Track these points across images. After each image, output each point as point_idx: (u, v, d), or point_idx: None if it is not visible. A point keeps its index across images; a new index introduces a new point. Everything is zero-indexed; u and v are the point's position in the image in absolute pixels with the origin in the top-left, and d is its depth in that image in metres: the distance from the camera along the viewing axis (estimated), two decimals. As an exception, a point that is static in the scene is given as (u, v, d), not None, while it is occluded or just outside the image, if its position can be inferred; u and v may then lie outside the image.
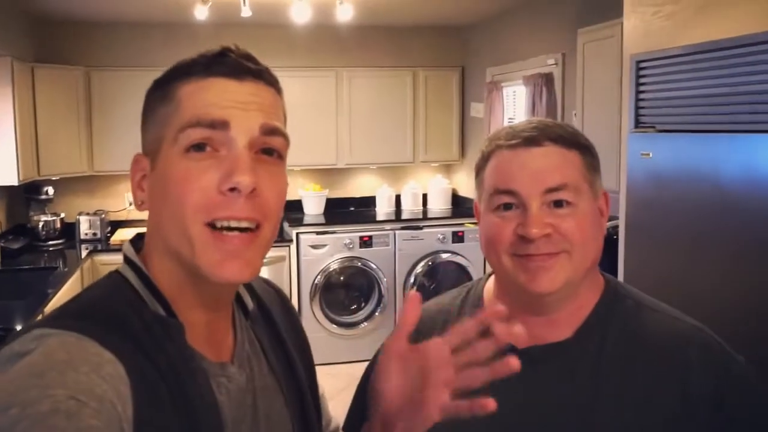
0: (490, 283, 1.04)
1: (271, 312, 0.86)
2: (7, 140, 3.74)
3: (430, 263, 4.85)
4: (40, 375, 0.56)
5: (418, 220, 5.07)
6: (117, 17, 4.58)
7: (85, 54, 4.67)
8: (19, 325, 2.64)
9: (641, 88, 2.33)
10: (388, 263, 4.80)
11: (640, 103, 2.34)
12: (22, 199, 4.46)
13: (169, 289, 0.72)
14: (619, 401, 0.89)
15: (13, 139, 3.75)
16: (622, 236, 2.36)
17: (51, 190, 4.45)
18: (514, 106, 4.59)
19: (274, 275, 4.65)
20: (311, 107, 4.97)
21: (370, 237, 4.75)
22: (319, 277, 4.67)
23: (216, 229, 0.67)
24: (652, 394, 0.89)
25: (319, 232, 4.75)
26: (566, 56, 3.75)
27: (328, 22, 4.65)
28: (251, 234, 0.68)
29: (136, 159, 0.75)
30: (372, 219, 5.08)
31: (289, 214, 5.15)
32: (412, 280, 4.81)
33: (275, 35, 4.90)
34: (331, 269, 4.70)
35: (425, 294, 5.18)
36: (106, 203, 4.85)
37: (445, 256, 4.86)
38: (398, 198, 5.44)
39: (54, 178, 4.41)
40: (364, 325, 4.79)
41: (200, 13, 3.89)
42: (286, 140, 0.73)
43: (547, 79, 3.86)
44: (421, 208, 5.43)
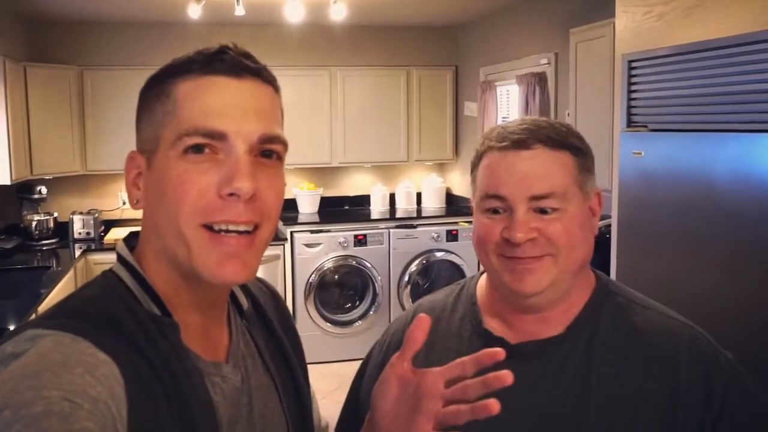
0: (483, 281, 1.05)
1: (266, 311, 0.86)
2: (-1, 139, 3.73)
3: (424, 262, 4.86)
4: (35, 376, 0.55)
5: (412, 218, 5.08)
6: (110, 16, 4.56)
7: (78, 53, 4.66)
8: (12, 324, 2.63)
9: (633, 87, 2.35)
10: (383, 262, 4.81)
11: (632, 103, 2.36)
12: (14, 198, 4.44)
13: (164, 289, 0.71)
14: (609, 397, 0.89)
15: (6, 139, 3.74)
16: (614, 235, 2.38)
17: (44, 190, 4.44)
18: (508, 106, 4.60)
19: (268, 274, 4.65)
20: (305, 106, 4.97)
21: (365, 236, 4.76)
22: (313, 275, 4.68)
23: (213, 231, 0.67)
24: (642, 390, 0.89)
25: (313, 231, 4.75)
26: (559, 56, 3.77)
27: (321, 21, 4.66)
28: (249, 236, 0.69)
29: (131, 156, 0.73)
30: (366, 218, 5.09)
31: (283, 212, 5.08)
32: (406, 278, 4.82)
33: (269, 34, 4.90)
34: (325, 268, 4.71)
35: (419, 292, 5.19)
36: (100, 202, 4.84)
37: (440, 254, 4.87)
38: (392, 197, 5.45)
39: (47, 178, 4.40)
40: (358, 323, 4.80)
41: (194, 12, 3.89)
42: (285, 145, 0.73)
43: (540, 78, 3.87)
44: (415, 206, 5.44)
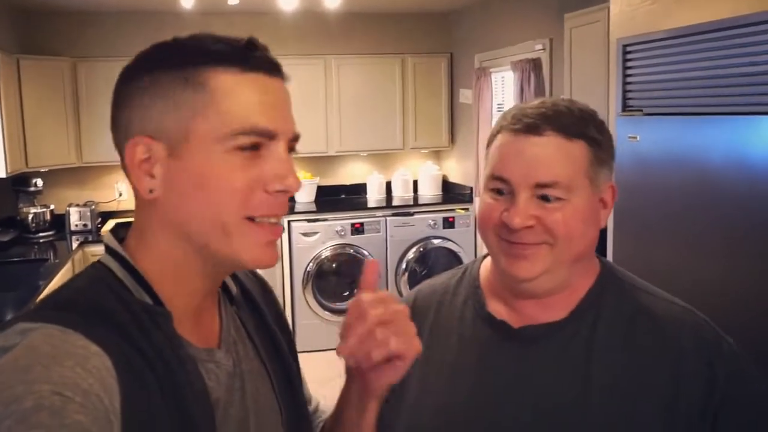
0: (487, 263, 1.05)
1: (255, 297, 0.87)
2: (-7, 132, 3.72)
3: (422, 249, 4.87)
4: (25, 370, 0.55)
5: (408, 206, 5.08)
6: (103, 7, 4.54)
7: (71, 45, 4.63)
8: (10, 316, 2.63)
9: (628, 71, 2.35)
10: (380, 250, 4.82)
11: (627, 87, 2.36)
12: (10, 191, 4.43)
13: (158, 278, 0.71)
14: (611, 381, 0.90)
15: (0, 132, 3.72)
16: (610, 220, 2.39)
17: (40, 182, 4.42)
18: (503, 92, 4.60)
19: (265, 264, 4.65)
20: (300, 95, 4.95)
21: (362, 224, 4.77)
22: (311, 264, 4.69)
23: (254, 221, 0.69)
24: (644, 376, 0.89)
25: (310, 220, 4.76)
26: (553, 41, 3.76)
27: (315, 9, 4.64)
28: (281, 226, 0.72)
29: (136, 142, 0.68)
30: (363, 206, 5.10)
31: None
32: (403, 266, 4.84)
33: (262, 23, 4.88)
34: (323, 256, 4.72)
35: (416, 279, 5.22)
36: (96, 194, 4.83)
37: (437, 241, 4.88)
38: (389, 185, 5.45)
39: (42, 170, 4.39)
40: (353, 298, 4.80)
41: (186, 1, 3.87)
42: None
43: (535, 64, 3.86)
44: (412, 194, 5.45)
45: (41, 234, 4.36)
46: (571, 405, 0.90)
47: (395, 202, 5.22)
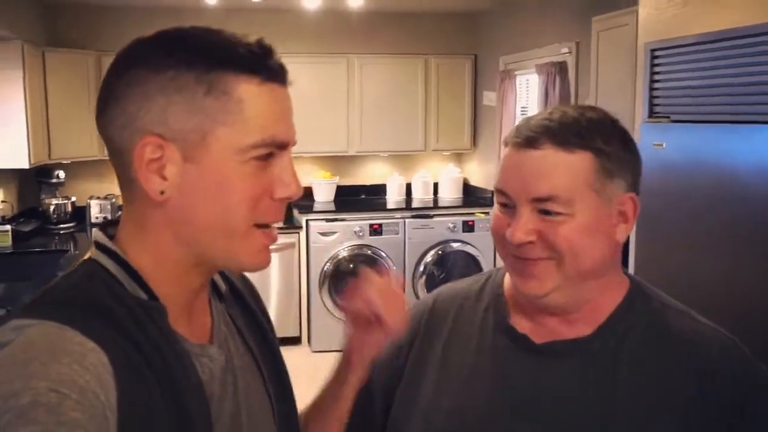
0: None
1: (244, 294, 0.87)
2: (18, 124, 3.76)
3: (440, 252, 4.82)
4: (24, 365, 0.55)
5: (428, 208, 5.04)
6: (128, 1, 4.57)
7: (96, 38, 4.67)
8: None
9: (655, 77, 2.29)
10: (398, 252, 4.78)
11: (654, 93, 2.30)
12: (33, 182, 4.49)
13: (154, 274, 0.70)
14: (635, 400, 0.87)
15: (24, 123, 3.77)
16: (633, 228, 2.33)
17: (62, 174, 4.47)
18: (527, 95, 4.54)
19: (283, 262, 4.66)
20: (322, 94, 4.95)
21: (380, 225, 4.74)
22: (328, 264, 4.67)
23: (259, 227, 0.71)
24: (669, 394, 0.87)
25: (328, 220, 4.74)
26: (580, 45, 3.70)
27: (339, 7, 4.62)
28: (276, 230, 0.75)
29: (147, 142, 0.66)
30: (382, 207, 5.07)
31: (299, 201, 5.13)
32: (421, 268, 4.79)
33: (285, 21, 4.87)
34: (340, 257, 4.69)
35: (434, 283, 5.20)
36: (116, 187, 4.80)
37: (456, 245, 4.83)
38: (409, 186, 5.41)
39: (65, 162, 4.43)
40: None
41: (211, -3, 3.87)
42: None
43: (561, 67, 3.81)
44: (432, 196, 5.40)
45: (62, 225, 4.40)
46: (590, 422, 0.87)
47: (415, 204, 5.18)
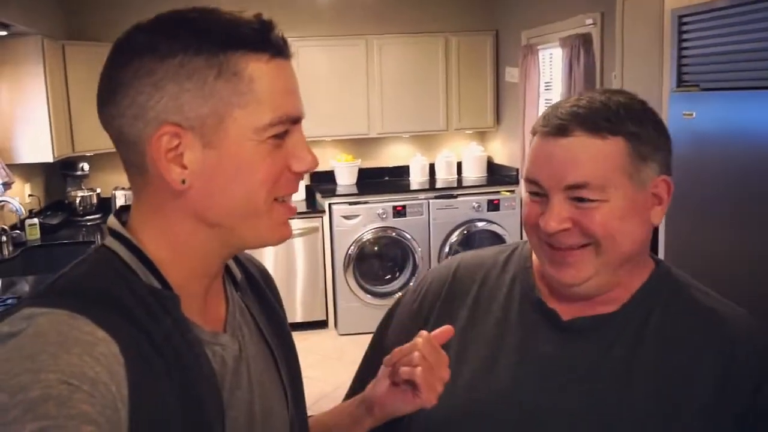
0: None
1: (259, 282, 0.86)
2: (40, 118, 3.79)
3: (465, 232, 4.77)
4: (32, 358, 0.54)
5: (452, 188, 4.99)
6: (145, -10, 4.55)
7: (116, 31, 4.45)
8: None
9: (684, 44, 2.20)
10: (422, 233, 4.74)
11: (683, 61, 2.22)
12: (58, 175, 4.54)
13: (170, 262, 0.70)
14: (656, 376, 0.87)
15: (47, 117, 3.79)
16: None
17: (86, 167, 4.51)
18: (551, 70, 4.44)
19: (307, 246, 4.65)
20: (341, 77, 4.90)
21: (404, 206, 4.70)
22: (352, 247, 4.65)
23: (278, 201, 0.71)
24: (691, 372, 0.87)
25: (351, 203, 4.72)
26: (605, 15, 3.59)
27: (356, -13, 4.54)
28: (293, 202, 0.76)
29: (164, 132, 0.65)
30: (405, 188, 5.03)
31: (321, 184, 5.13)
32: (447, 249, 4.75)
33: (302, 4, 4.82)
34: (364, 239, 4.67)
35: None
36: (141, 178, 4.88)
37: (481, 224, 4.78)
38: (432, 167, 5.35)
39: (88, 154, 4.46)
40: (398, 295, 4.74)
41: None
42: None
43: (585, 40, 3.70)
44: (456, 176, 5.34)
45: (88, 217, 4.45)
46: (613, 396, 0.88)
47: (438, 185, 5.12)
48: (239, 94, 0.66)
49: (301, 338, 4.52)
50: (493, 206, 4.78)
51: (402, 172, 5.39)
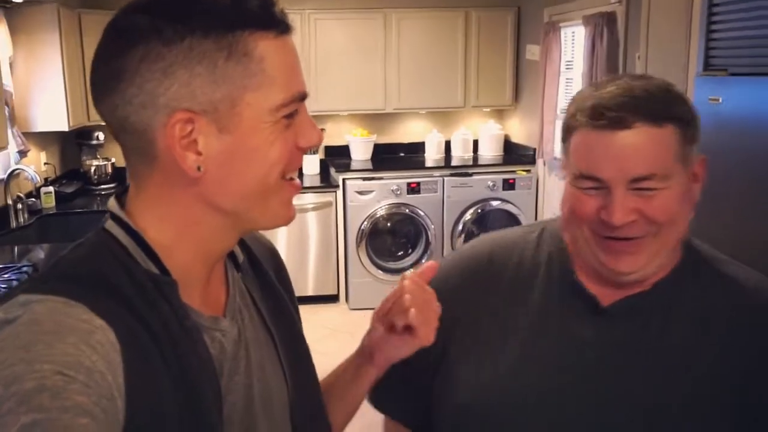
0: None
1: (261, 263, 0.84)
2: (56, 87, 3.77)
3: (480, 211, 4.74)
4: (26, 347, 0.53)
5: (468, 166, 4.94)
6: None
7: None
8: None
9: (713, 27, 2.13)
10: (436, 210, 4.71)
11: (711, 44, 2.15)
12: (74, 144, 4.54)
13: (173, 246, 0.68)
14: (691, 352, 0.89)
15: (63, 86, 3.78)
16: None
17: (101, 136, 4.51)
18: (573, 49, 4.34)
19: (320, 220, 4.64)
20: (358, 50, 4.84)
21: (418, 183, 4.67)
22: (365, 222, 4.64)
23: (285, 179, 0.70)
24: (725, 346, 0.89)
25: (365, 178, 4.69)
26: (630, -8, 3.49)
27: (376, -41, 4.46)
28: (298, 179, 0.74)
29: (178, 119, 0.63)
30: (420, 165, 4.99)
31: (336, 159, 5.10)
32: (460, 227, 4.73)
33: (322, -26, 4.74)
34: (378, 215, 4.65)
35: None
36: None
37: (495, 203, 4.74)
38: (448, 144, 5.30)
39: (104, 124, 4.44)
40: (410, 271, 4.73)
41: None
42: None
43: (609, 18, 3.61)
44: (472, 154, 5.29)
45: (103, 186, 4.46)
46: (647, 370, 0.89)
47: (454, 162, 5.08)
48: (251, 76, 0.64)
49: (311, 312, 4.54)
50: (509, 185, 4.73)
51: (417, 148, 5.34)
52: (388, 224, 4.77)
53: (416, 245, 4.80)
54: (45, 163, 4.19)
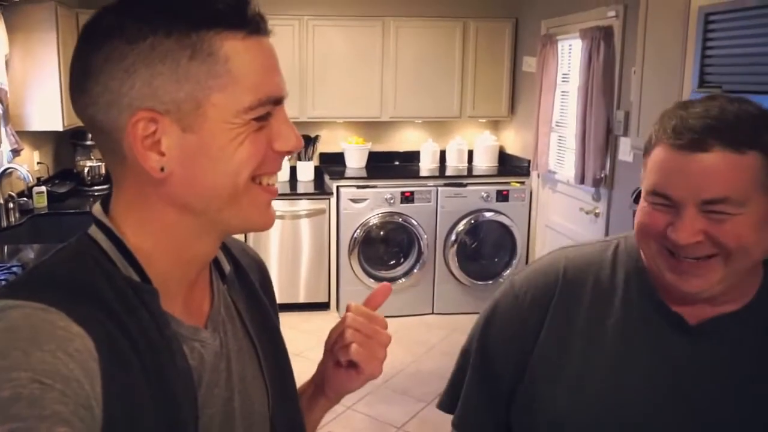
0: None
1: (248, 274, 0.84)
2: (52, 87, 3.76)
3: (473, 221, 4.74)
4: (3, 355, 0.53)
5: (462, 177, 4.94)
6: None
7: (131, -2, 4.60)
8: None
9: (708, 44, 2.15)
10: (429, 220, 4.71)
11: (707, 61, 2.16)
12: (68, 144, 4.52)
13: (153, 253, 0.68)
14: None
15: (58, 86, 3.76)
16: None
17: (96, 136, 4.48)
18: (569, 62, 4.36)
19: (313, 227, 4.63)
20: (356, 58, 4.84)
21: (412, 193, 4.66)
22: (358, 231, 4.63)
23: (260, 185, 0.68)
24: None
25: (359, 186, 4.68)
26: (628, 8, 3.52)
27: (375, -32, 4.47)
28: (276, 184, 0.72)
29: (140, 118, 0.62)
30: (415, 174, 4.99)
31: (330, 166, 5.09)
32: (453, 237, 4.72)
33: (321, -19, 4.75)
34: (370, 224, 4.65)
35: (466, 252, 5.09)
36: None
37: (489, 215, 4.74)
38: (443, 154, 5.31)
39: (99, 124, 4.44)
40: (402, 281, 4.74)
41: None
42: None
43: (606, 32, 3.63)
44: (466, 165, 5.30)
45: (96, 187, 4.43)
46: (738, 394, 0.89)
47: (448, 172, 5.08)
48: (216, 76, 0.63)
49: (302, 319, 4.52)
50: (502, 197, 4.74)
51: (412, 157, 5.34)
52: (381, 233, 4.77)
53: (408, 255, 4.80)
54: (38, 163, 4.17)
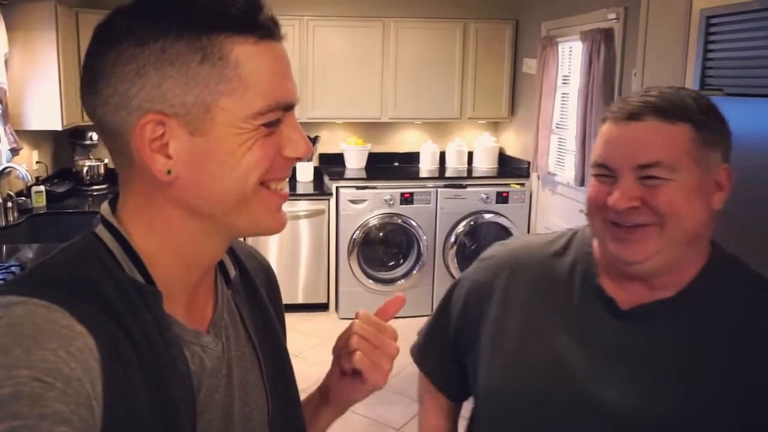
0: None
1: (254, 279, 0.84)
2: (51, 86, 3.75)
3: (472, 223, 4.73)
4: (5, 352, 0.52)
5: (461, 178, 4.94)
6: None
7: (131, -2, 4.59)
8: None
9: (710, 46, 2.14)
10: (429, 221, 4.71)
11: (708, 63, 2.16)
12: (67, 144, 4.51)
13: (158, 255, 0.68)
14: (719, 362, 0.90)
15: (57, 85, 3.75)
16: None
17: (95, 136, 4.47)
18: (570, 64, 4.36)
19: (313, 228, 4.63)
20: (356, 59, 4.84)
21: (411, 194, 4.66)
22: (357, 232, 4.62)
23: (269, 188, 0.68)
24: (754, 357, 0.90)
25: (359, 187, 4.68)
26: (629, 10, 3.51)
27: (376, -32, 4.47)
28: (287, 190, 0.72)
29: (148, 120, 0.62)
30: (414, 175, 4.98)
31: (330, 167, 5.09)
32: (452, 239, 4.72)
33: (322, -18, 4.75)
34: (370, 225, 4.64)
35: (465, 253, 5.09)
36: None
37: (488, 216, 4.73)
38: (442, 155, 5.30)
39: (98, 124, 4.43)
40: (401, 282, 4.74)
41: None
42: None
43: (607, 35, 3.63)
44: (466, 166, 5.29)
45: (95, 187, 4.43)
46: (676, 379, 0.91)
47: (448, 173, 5.07)
48: (225, 80, 0.63)
49: (301, 320, 4.51)
50: (502, 198, 4.73)
51: (412, 158, 5.34)
52: (380, 234, 4.76)
53: (408, 256, 4.79)
54: (37, 162, 4.16)
